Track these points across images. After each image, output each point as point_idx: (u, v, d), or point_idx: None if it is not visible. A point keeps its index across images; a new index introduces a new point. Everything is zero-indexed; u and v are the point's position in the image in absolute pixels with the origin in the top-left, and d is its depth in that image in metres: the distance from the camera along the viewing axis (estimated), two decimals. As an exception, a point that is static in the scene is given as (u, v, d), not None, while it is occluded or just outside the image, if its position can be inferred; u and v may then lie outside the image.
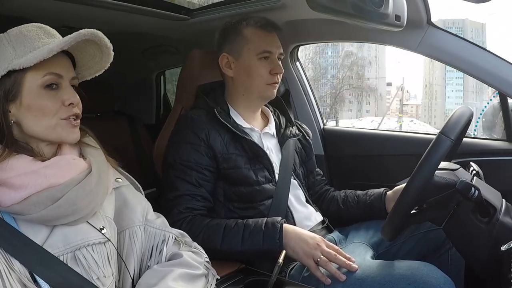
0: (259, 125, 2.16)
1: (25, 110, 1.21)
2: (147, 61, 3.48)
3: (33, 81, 1.21)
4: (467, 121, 1.65)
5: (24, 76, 1.20)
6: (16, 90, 1.20)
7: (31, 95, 1.21)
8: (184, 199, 1.87)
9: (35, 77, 1.21)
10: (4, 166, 1.16)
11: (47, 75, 1.22)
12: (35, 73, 1.21)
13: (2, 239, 1.12)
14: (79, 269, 1.20)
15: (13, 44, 1.21)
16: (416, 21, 2.09)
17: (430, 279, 1.57)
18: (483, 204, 1.54)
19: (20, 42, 1.22)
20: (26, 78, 1.20)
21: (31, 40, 1.22)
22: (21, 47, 1.21)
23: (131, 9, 2.24)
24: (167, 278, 1.27)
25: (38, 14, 2.03)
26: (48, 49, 1.17)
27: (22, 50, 1.20)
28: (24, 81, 1.20)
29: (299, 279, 1.79)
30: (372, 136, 2.83)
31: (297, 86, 2.87)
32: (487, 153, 2.33)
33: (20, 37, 1.23)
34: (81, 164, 1.28)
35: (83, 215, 1.23)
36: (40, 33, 1.25)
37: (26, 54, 1.19)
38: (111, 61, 1.35)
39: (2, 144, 1.19)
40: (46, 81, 1.22)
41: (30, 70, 1.20)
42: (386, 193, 2.14)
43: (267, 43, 2.04)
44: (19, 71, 1.19)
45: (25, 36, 1.23)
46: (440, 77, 55.18)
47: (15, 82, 1.20)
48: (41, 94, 1.22)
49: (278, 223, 1.78)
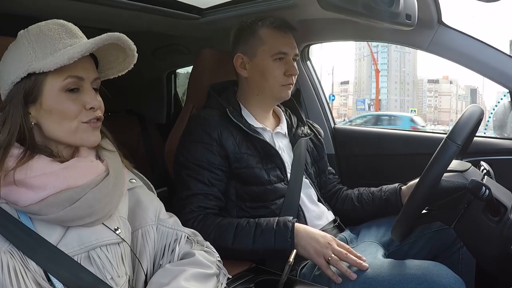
0: (271, 124, 2.16)
1: (45, 113, 1.20)
2: (157, 60, 3.49)
3: (54, 84, 1.19)
4: (477, 121, 1.64)
5: (44, 78, 1.18)
6: (36, 93, 1.19)
7: (51, 98, 1.19)
8: (196, 198, 1.88)
9: (56, 80, 1.19)
10: (24, 166, 1.15)
11: (68, 78, 1.20)
12: (55, 76, 1.19)
13: (18, 239, 1.12)
14: (93, 268, 1.20)
15: (33, 45, 1.20)
16: (427, 20, 2.08)
17: (441, 279, 1.57)
18: (494, 203, 1.54)
19: (40, 42, 1.20)
20: (47, 81, 1.19)
21: (52, 41, 1.20)
22: (42, 48, 1.19)
23: (142, 8, 2.25)
24: (179, 278, 1.27)
25: (48, 13, 2.03)
26: (69, 56, 1.14)
27: (42, 52, 1.18)
28: (45, 84, 1.19)
29: (310, 278, 1.79)
30: (383, 136, 2.82)
31: (308, 85, 2.87)
32: (497, 152, 2.32)
33: (40, 37, 1.20)
34: (99, 166, 1.28)
35: (100, 217, 1.23)
36: (62, 32, 1.23)
37: (46, 56, 1.17)
38: (135, 62, 1.34)
39: (24, 147, 1.19)
40: (67, 84, 1.20)
41: (50, 73, 1.18)
42: (401, 188, 2.13)
43: (282, 43, 2.04)
44: (40, 74, 1.18)
45: (46, 36, 1.21)
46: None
47: (35, 84, 1.18)
48: (62, 98, 1.20)
49: (289, 223, 1.79)
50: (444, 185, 1.60)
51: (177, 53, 3.27)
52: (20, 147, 1.19)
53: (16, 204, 1.14)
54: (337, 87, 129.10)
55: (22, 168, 1.15)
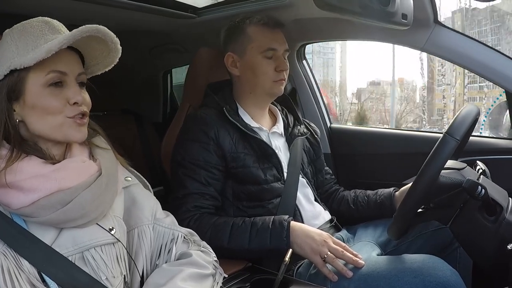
0: (267, 124, 2.16)
1: (29, 109, 1.20)
2: (154, 59, 3.47)
3: (36, 80, 1.19)
4: (473, 120, 1.64)
5: (26, 75, 1.18)
6: (19, 89, 1.19)
7: (34, 94, 1.19)
8: (193, 198, 1.88)
9: (38, 76, 1.19)
10: (14, 168, 1.15)
11: (50, 73, 1.19)
12: (37, 72, 1.19)
13: (11, 239, 1.12)
14: (87, 269, 1.19)
15: (16, 42, 1.20)
16: (423, 20, 2.08)
17: (437, 271, 1.57)
18: (490, 202, 1.54)
19: (23, 39, 1.20)
20: (29, 77, 1.18)
21: (33, 38, 1.20)
22: (24, 45, 1.19)
23: (138, 7, 2.24)
24: (176, 278, 1.27)
25: (43, 12, 2.03)
26: (46, 49, 1.14)
27: (24, 49, 1.18)
28: (27, 80, 1.18)
29: (306, 277, 1.80)
30: (378, 135, 2.83)
31: (304, 84, 2.87)
32: (493, 151, 2.32)
33: (23, 34, 1.21)
34: (91, 166, 1.27)
35: (92, 218, 1.22)
36: (44, 29, 1.23)
37: (28, 52, 1.17)
38: (120, 55, 1.32)
39: (10, 145, 1.18)
40: (49, 79, 1.20)
41: (32, 69, 1.18)
42: (395, 193, 2.14)
43: (270, 40, 2.04)
44: (22, 70, 1.18)
45: (28, 33, 1.21)
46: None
47: (17, 81, 1.18)
48: (45, 93, 1.20)
49: (285, 221, 1.79)
50: (441, 181, 1.60)
51: (173, 52, 3.26)
52: (7, 147, 1.18)
53: (8, 206, 1.14)
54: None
55: (13, 170, 1.14)
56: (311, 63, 7.98)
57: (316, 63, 13.83)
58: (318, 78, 6.35)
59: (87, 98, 1.29)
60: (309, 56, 6.50)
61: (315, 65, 15.32)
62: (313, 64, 30.12)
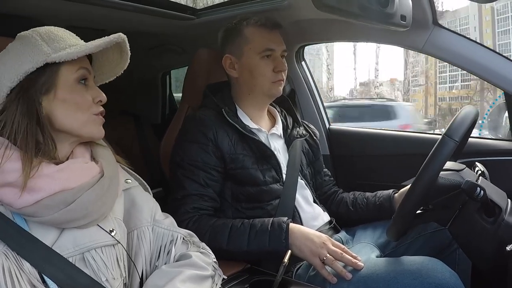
0: (266, 125, 2.16)
1: (59, 103, 1.23)
2: (152, 60, 3.48)
3: (68, 74, 1.24)
4: (472, 121, 1.65)
5: (59, 69, 1.23)
6: (51, 83, 1.22)
7: (66, 88, 1.24)
8: (191, 199, 1.88)
9: (70, 71, 1.24)
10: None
11: (80, 69, 1.26)
12: (69, 67, 1.24)
13: (12, 240, 1.12)
14: (88, 270, 1.20)
15: (46, 40, 1.23)
16: (421, 21, 2.08)
17: (436, 273, 1.57)
18: (489, 204, 1.54)
19: (52, 39, 1.24)
20: (61, 71, 1.23)
21: (63, 39, 1.26)
22: (55, 44, 1.23)
23: (137, 8, 2.24)
24: (175, 280, 1.27)
25: (43, 13, 2.04)
26: (92, 47, 1.22)
27: (56, 46, 1.23)
28: (60, 75, 1.23)
29: (305, 279, 1.79)
30: (377, 136, 2.83)
31: (303, 86, 2.87)
32: (492, 153, 2.33)
33: (51, 36, 1.25)
34: (94, 168, 1.27)
35: (94, 219, 1.23)
36: (68, 34, 1.30)
37: (62, 49, 1.23)
38: (122, 70, 1.41)
39: (43, 135, 1.21)
40: (80, 75, 1.26)
41: (64, 64, 1.23)
42: (395, 194, 2.13)
43: (268, 40, 2.03)
44: (54, 65, 1.22)
45: (56, 35, 1.26)
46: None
47: (50, 75, 1.22)
48: (76, 89, 1.26)
49: (284, 223, 1.79)
50: (440, 182, 1.60)
51: (172, 53, 3.27)
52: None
53: (10, 206, 1.14)
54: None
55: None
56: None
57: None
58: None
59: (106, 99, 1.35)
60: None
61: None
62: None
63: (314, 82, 2.94)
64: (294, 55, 2.79)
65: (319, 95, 2.95)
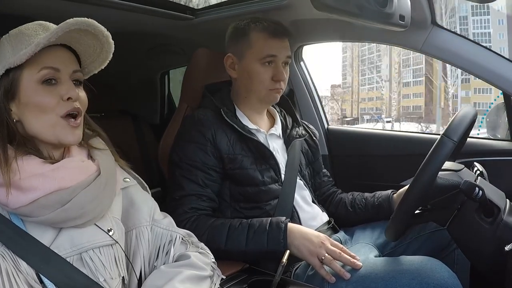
0: (265, 126, 2.16)
1: (24, 107, 1.20)
2: (151, 60, 3.47)
3: (30, 77, 1.19)
4: (471, 121, 1.64)
5: (21, 73, 1.19)
6: (15, 88, 1.19)
7: (28, 91, 1.19)
8: (190, 199, 1.88)
9: (31, 73, 1.19)
10: (14, 167, 1.14)
11: (43, 69, 1.19)
12: (31, 69, 1.19)
13: (9, 240, 1.11)
14: (86, 270, 1.19)
15: (12, 44, 1.21)
16: (420, 21, 2.08)
17: (434, 273, 1.57)
18: (487, 204, 1.54)
19: (18, 40, 1.21)
20: (23, 75, 1.19)
21: (27, 37, 1.21)
22: (19, 45, 1.19)
23: (135, 8, 2.23)
24: (174, 280, 1.27)
25: (40, 13, 2.02)
26: (36, 43, 1.15)
27: (19, 48, 1.19)
28: (21, 78, 1.19)
29: (303, 279, 1.79)
30: (376, 136, 2.83)
31: (301, 86, 2.87)
32: (491, 153, 2.33)
33: (18, 36, 1.22)
34: (90, 166, 1.26)
35: (91, 218, 1.22)
36: (39, 29, 1.24)
37: (21, 51, 1.17)
38: (113, 50, 1.31)
39: (14, 145, 1.18)
40: (42, 76, 1.20)
41: (26, 67, 1.19)
42: (393, 195, 2.13)
43: (270, 48, 2.01)
44: (16, 69, 1.18)
45: (23, 34, 1.22)
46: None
47: (13, 80, 1.19)
48: (38, 90, 1.20)
49: (282, 223, 1.78)
50: (439, 182, 1.60)
51: (171, 53, 3.25)
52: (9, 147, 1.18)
53: (6, 206, 1.14)
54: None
55: (11, 170, 1.14)
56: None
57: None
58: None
59: (83, 96, 1.29)
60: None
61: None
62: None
63: (313, 82, 2.93)
64: (293, 55, 2.78)
65: (318, 95, 2.95)
